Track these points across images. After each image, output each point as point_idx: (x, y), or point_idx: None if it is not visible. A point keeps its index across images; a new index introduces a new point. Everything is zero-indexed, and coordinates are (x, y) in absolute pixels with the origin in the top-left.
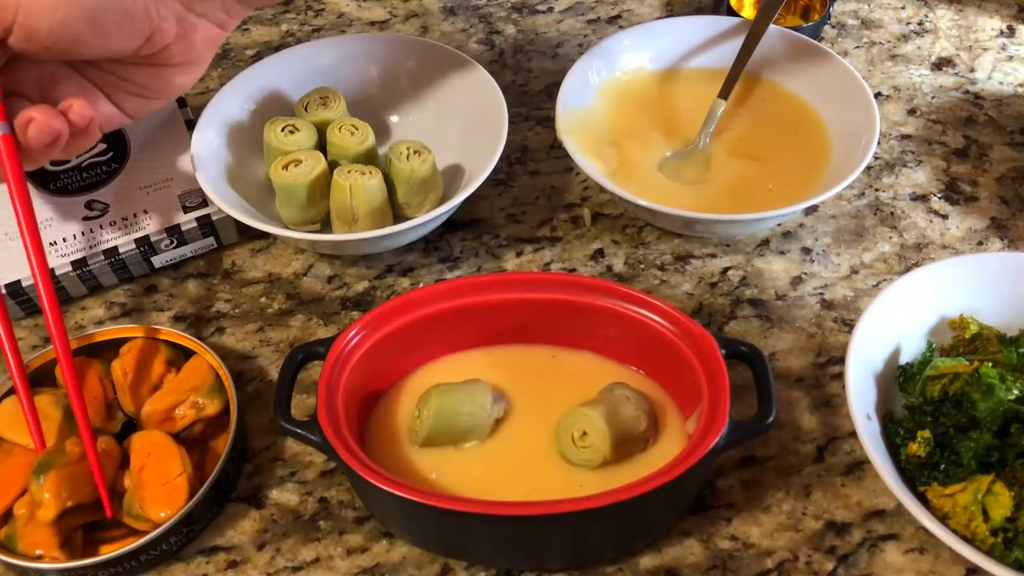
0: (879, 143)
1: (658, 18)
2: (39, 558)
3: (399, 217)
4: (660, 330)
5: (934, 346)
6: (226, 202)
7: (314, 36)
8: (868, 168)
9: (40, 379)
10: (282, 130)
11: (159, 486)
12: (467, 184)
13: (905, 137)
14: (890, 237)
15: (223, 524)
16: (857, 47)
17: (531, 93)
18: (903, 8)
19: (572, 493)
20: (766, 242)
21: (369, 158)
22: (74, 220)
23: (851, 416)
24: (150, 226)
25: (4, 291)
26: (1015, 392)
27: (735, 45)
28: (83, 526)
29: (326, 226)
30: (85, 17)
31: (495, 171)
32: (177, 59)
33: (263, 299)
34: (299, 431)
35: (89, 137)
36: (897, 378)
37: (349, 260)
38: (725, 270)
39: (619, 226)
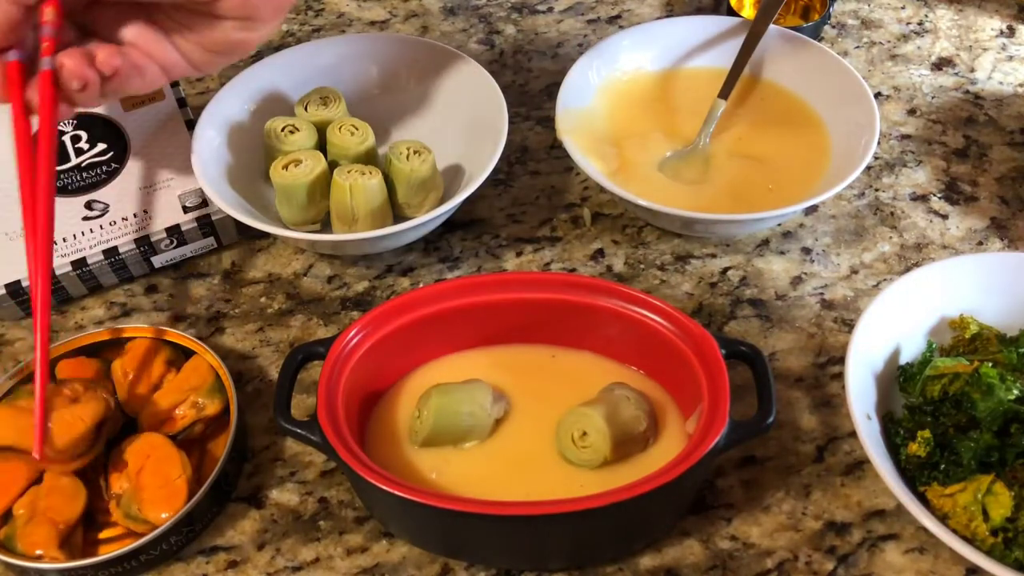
0: (879, 143)
1: (658, 18)
2: (39, 558)
3: (399, 217)
4: (660, 330)
5: (934, 346)
6: (226, 202)
7: (314, 36)
8: (868, 168)
9: None
10: (282, 130)
11: (158, 488)
12: (467, 184)
13: (905, 137)
14: (890, 237)
15: (223, 524)
16: (857, 47)
17: (531, 93)
18: (903, 8)
19: (572, 493)
20: (766, 242)
21: (369, 158)
22: (74, 220)
23: (851, 416)
24: (150, 226)
25: (4, 291)
26: (1015, 392)
27: (735, 45)
28: (83, 526)
29: (326, 226)
30: None
31: (495, 171)
32: (233, 12)
33: (263, 299)
34: (299, 431)
35: (125, 81)
36: (897, 378)
37: (349, 260)
38: (725, 270)
39: (619, 226)
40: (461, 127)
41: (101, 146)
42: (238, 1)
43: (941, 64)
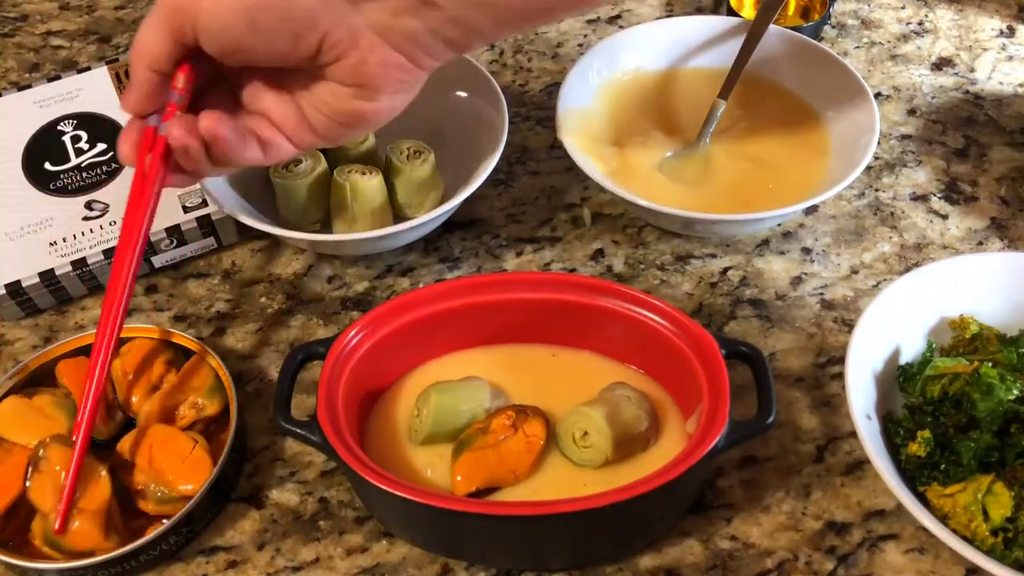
0: (879, 143)
1: (658, 18)
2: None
3: (399, 217)
4: (660, 330)
5: (934, 346)
6: (226, 202)
7: None
8: (868, 168)
9: (40, 379)
10: None
11: (179, 463)
12: (467, 184)
13: (905, 137)
14: (890, 237)
15: (223, 524)
16: (857, 47)
17: (531, 93)
18: (903, 8)
19: (573, 493)
20: (766, 242)
21: (369, 158)
22: (74, 220)
23: (851, 416)
24: (150, 226)
25: (4, 291)
26: (1015, 392)
27: (735, 45)
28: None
29: (326, 226)
30: (244, 19)
31: (495, 171)
32: (348, 77)
33: (263, 299)
34: (299, 431)
35: (232, 150)
36: (897, 378)
37: (349, 260)
38: (725, 270)
39: (619, 226)
40: (461, 127)
41: (101, 146)
42: (353, 64)
43: (941, 64)
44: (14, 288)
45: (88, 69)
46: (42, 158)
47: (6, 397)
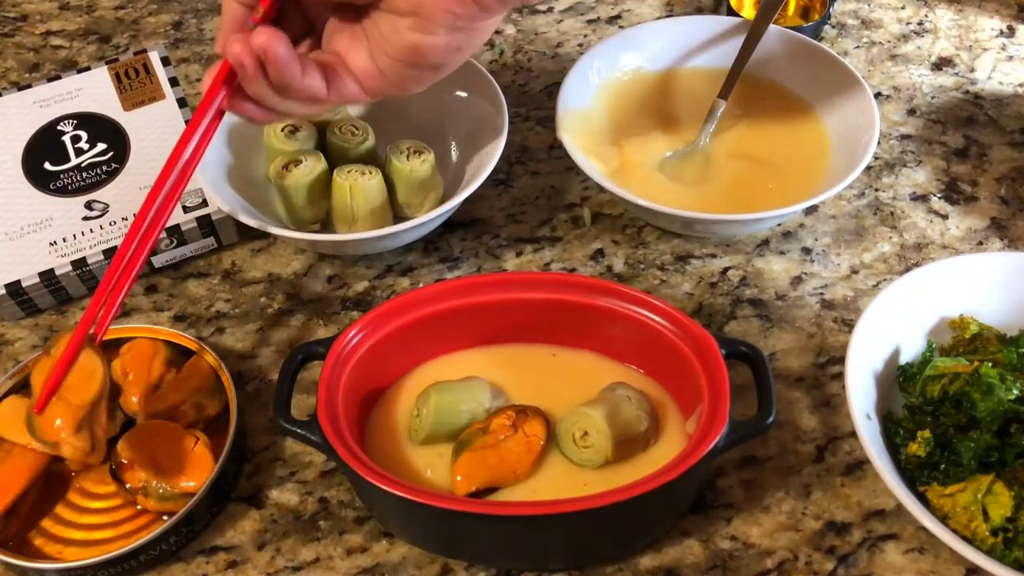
0: (879, 143)
1: (658, 18)
2: (41, 556)
3: (399, 217)
4: (660, 330)
5: (934, 346)
6: (226, 202)
7: None
8: (868, 168)
9: None
10: (282, 130)
11: (181, 460)
12: (467, 184)
13: (905, 137)
14: (890, 237)
15: (223, 524)
16: (857, 47)
17: (531, 93)
18: (903, 8)
19: (573, 493)
20: (766, 242)
21: (369, 158)
22: (74, 220)
23: (851, 416)
24: None
25: (4, 291)
26: (1015, 392)
27: (735, 45)
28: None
29: (326, 226)
30: None
31: (495, 171)
32: (404, 4)
33: (263, 299)
34: (299, 431)
35: (286, 70)
36: (897, 378)
37: (349, 260)
38: (725, 270)
39: (619, 226)
40: (461, 127)
41: (101, 146)
42: None
43: (941, 64)
44: (14, 288)
45: (88, 69)
46: (42, 158)
47: (6, 397)
